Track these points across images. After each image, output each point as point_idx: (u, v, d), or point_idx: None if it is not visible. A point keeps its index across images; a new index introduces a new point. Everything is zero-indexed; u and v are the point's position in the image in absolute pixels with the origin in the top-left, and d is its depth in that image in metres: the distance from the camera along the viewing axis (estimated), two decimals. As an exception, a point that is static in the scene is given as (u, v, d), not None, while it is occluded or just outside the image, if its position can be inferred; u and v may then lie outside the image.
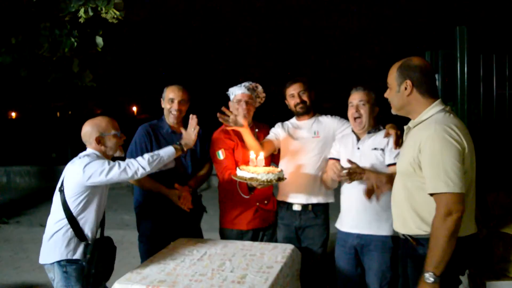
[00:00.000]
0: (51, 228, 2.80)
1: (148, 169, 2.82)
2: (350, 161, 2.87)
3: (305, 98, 3.43)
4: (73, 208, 2.75)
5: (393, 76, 2.35)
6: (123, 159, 3.02)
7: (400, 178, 2.40)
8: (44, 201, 9.31)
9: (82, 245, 2.78)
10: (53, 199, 2.85)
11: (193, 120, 3.18)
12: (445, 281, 2.12)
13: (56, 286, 2.77)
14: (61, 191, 2.79)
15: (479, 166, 2.28)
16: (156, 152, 2.94)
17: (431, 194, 2.13)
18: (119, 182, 2.93)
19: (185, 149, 3.11)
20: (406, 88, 2.29)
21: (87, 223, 2.80)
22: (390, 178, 2.69)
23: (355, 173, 2.83)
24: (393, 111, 2.45)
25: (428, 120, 2.25)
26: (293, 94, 3.44)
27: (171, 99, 3.45)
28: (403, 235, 2.37)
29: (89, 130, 2.86)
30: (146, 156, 2.86)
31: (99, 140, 2.86)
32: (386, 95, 2.45)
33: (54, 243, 2.75)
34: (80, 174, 2.69)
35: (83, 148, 2.94)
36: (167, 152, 2.96)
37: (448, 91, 3.81)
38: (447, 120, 2.18)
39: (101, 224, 2.94)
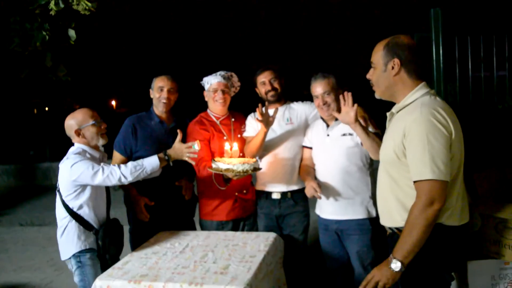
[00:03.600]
0: (59, 226, 2.91)
1: (130, 178, 2.83)
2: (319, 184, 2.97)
3: (276, 85, 3.40)
4: (72, 204, 2.84)
5: (379, 54, 2.19)
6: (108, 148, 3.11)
7: (383, 168, 2.26)
8: (24, 200, 9.18)
9: (92, 235, 2.88)
10: (56, 199, 2.94)
11: (180, 133, 3.11)
12: (435, 277, 2.08)
13: (74, 276, 2.90)
14: (58, 191, 2.88)
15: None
16: (140, 162, 2.91)
17: (415, 182, 2.01)
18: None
19: (170, 160, 3.03)
20: (393, 67, 2.13)
21: (90, 214, 2.88)
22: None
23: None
24: (377, 94, 2.29)
25: (413, 103, 2.11)
26: (264, 81, 3.41)
27: (160, 87, 3.43)
28: (390, 228, 2.26)
29: (69, 124, 2.94)
30: (130, 165, 2.86)
31: (78, 133, 2.91)
32: (369, 75, 2.29)
33: (66, 239, 2.87)
34: (68, 174, 2.77)
35: (62, 145, 3.04)
36: (151, 163, 2.92)
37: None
38: (434, 103, 2.05)
39: (107, 207, 3.05)
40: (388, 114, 2.30)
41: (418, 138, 1.98)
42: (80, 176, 2.74)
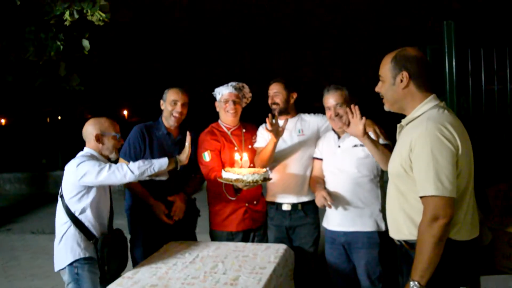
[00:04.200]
0: (58, 232, 2.85)
1: (136, 173, 2.81)
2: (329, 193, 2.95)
3: (277, 100, 3.38)
4: (74, 208, 2.81)
5: (386, 67, 2.17)
6: (116, 162, 3.05)
7: (392, 181, 2.24)
8: (35, 208, 9.24)
9: (92, 244, 2.83)
10: (57, 206, 2.90)
11: (188, 136, 3.14)
12: None
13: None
14: (61, 196, 2.85)
15: (474, 161, 2.15)
16: (149, 159, 2.92)
17: (421, 197, 1.98)
18: (111, 184, 2.94)
19: (179, 164, 3.05)
20: (402, 80, 2.11)
21: (92, 221, 2.84)
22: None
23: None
24: (386, 107, 2.27)
25: (421, 117, 2.08)
26: (270, 94, 3.44)
27: (174, 101, 3.40)
28: (398, 241, 2.23)
29: (90, 128, 2.95)
30: (138, 161, 2.87)
31: (98, 138, 2.92)
32: (377, 89, 2.26)
33: (65, 246, 2.80)
34: (74, 173, 2.76)
35: (74, 153, 2.98)
36: (160, 161, 2.93)
37: (437, 86, 3.81)
38: (441, 118, 2.01)
39: (109, 217, 3.01)
40: (398, 126, 2.28)
41: (423, 153, 1.96)
42: (86, 173, 2.71)
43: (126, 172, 2.78)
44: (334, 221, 3.09)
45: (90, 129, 2.93)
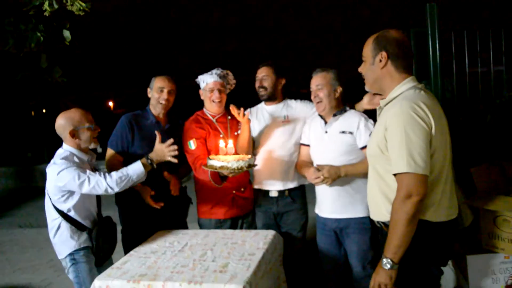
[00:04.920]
0: (50, 227, 2.90)
1: (116, 189, 2.83)
2: (318, 168, 2.92)
3: (265, 84, 3.37)
4: (61, 207, 2.84)
5: (368, 47, 2.22)
6: (94, 151, 3.09)
7: (370, 163, 2.28)
8: (22, 202, 9.17)
9: (85, 234, 2.90)
10: (45, 201, 2.93)
11: (159, 134, 3.08)
12: (422, 272, 2.10)
13: (68, 274, 2.92)
14: (47, 193, 2.88)
15: (458, 143, 2.19)
16: (125, 171, 2.88)
17: (395, 175, 2.02)
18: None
19: (154, 163, 3.01)
20: (380, 60, 2.16)
21: (81, 215, 2.89)
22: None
23: (329, 178, 2.85)
24: (367, 87, 2.33)
25: (397, 97, 2.12)
26: (258, 77, 3.42)
27: (160, 88, 3.38)
28: (377, 222, 2.29)
29: (62, 124, 2.89)
30: (115, 176, 2.83)
31: (73, 134, 2.88)
32: (360, 69, 2.31)
33: (60, 240, 2.87)
34: (54, 180, 2.77)
35: (60, 146, 2.95)
36: (136, 170, 2.90)
37: (421, 69, 3.83)
38: (416, 97, 2.05)
39: (98, 205, 3.06)
40: (377, 108, 2.33)
41: (396, 131, 1.99)
42: (67, 184, 2.74)
43: (106, 188, 2.79)
44: (326, 208, 3.09)
45: (62, 125, 2.88)
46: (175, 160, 3.04)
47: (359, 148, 2.96)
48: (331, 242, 3.11)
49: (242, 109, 3.15)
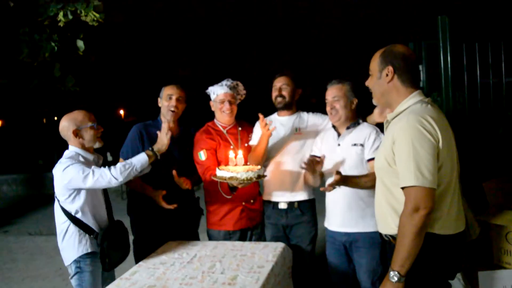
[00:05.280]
0: (59, 231, 2.90)
1: (120, 179, 2.81)
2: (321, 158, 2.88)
3: (284, 93, 3.37)
4: (69, 208, 2.84)
5: (375, 62, 2.26)
6: (103, 150, 3.11)
7: (378, 175, 2.30)
8: (33, 210, 9.22)
9: (93, 238, 2.88)
10: (54, 205, 2.94)
11: (165, 123, 3.11)
12: (429, 285, 2.08)
13: (72, 280, 2.89)
14: (55, 196, 2.89)
15: (470, 156, 2.19)
16: (128, 160, 2.92)
17: (402, 188, 2.04)
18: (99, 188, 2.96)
19: (158, 154, 3.04)
20: (387, 75, 2.19)
21: (89, 218, 2.88)
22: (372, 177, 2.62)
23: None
24: (374, 101, 2.36)
25: (405, 111, 2.14)
26: (276, 86, 3.41)
27: (169, 95, 3.42)
28: (385, 235, 2.28)
29: (66, 125, 2.93)
30: (118, 165, 2.85)
31: (77, 133, 2.91)
32: (367, 83, 2.34)
33: (67, 244, 2.86)
34: (61, 177, 2.79)
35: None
36: (140, 160, 2.93)
37: (432, 81, 3.81)
38: (423, 111, 2.07)
39: (107, 210, 3.05)
40: (384, 122, 2.34)
41: (404, 145, 2.01)
42: (72, 180, 2.74)
43: (110, 179, 2.78)
44: (335, 222, 3.06)
45: (66, 127, 2.92)
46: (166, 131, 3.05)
47: (366, 160, 2.94)
48: (340, 256, 3.08)
49: (270, 122, 3.16)
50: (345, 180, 2.74)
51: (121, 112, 32.27)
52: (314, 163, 2.90)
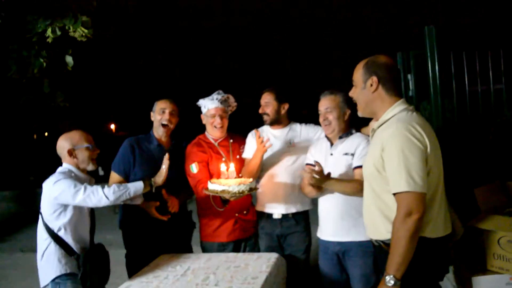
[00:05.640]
0: (40, 248, 2.81)
1: (111, 199, 2.76)
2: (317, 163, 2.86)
3: (267, 110, 3.40)
4: (53, 225, 2.78)
5: (359, 73, 2.32)
6: (96, 173, 3.01)
7: (367, 182, 2.35)
8: (24, 226, 9.11)
9: (74, 259, 2.78)
10: (38, 222, 2.88)
11: (166, 158, 3.07)
12: (423, 287, 2.12)
13: None
14: (40, 213, 2.83)
15: (460, 163, 2.25)
16: (124, 184, 2.88)
17: (394, 194, 2.09)
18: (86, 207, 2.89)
19: (154, 186, 3.01)
20: (371, 85, 2.26)
21: (71, 238, 2.80)
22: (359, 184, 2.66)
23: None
24: (359, 112, 2.42)
25: (391, 119, 2.21)
26: (261, 103, 3.44)
27: (162, 109, 3.42)
28: (376, 241, 2.32)
29: (62, 143, 2.92)
30: (113, 185, 2.81)
31: (71, 153, 2.89)
32: (351, 93, 2.42)
33: (46, 262, 2.77)
34: (50, 191, 2.74)
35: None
36: (136, 186, 2.89)
37: (422, 90, 3.85)
38: (410, 119, 2.15)
39: (91, 232, 2.96)
40: (370, 130, 2.39)
41: (394, 152, 2.07)
42: (62, 193, 2.69)
43: (101, 197, 2.73)
44: (328, 231, 3.06)
45: (62, 145, 2.91)
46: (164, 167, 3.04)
47: (352, 168, 2.95)
48: (333, 266, 3.07)
49: (268, 139, 3.17)
50: (325, 177, 2.78)
51: (112, 126, 32.16)
52: (312, 172, 2.86)
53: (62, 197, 2.71)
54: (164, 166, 3.06)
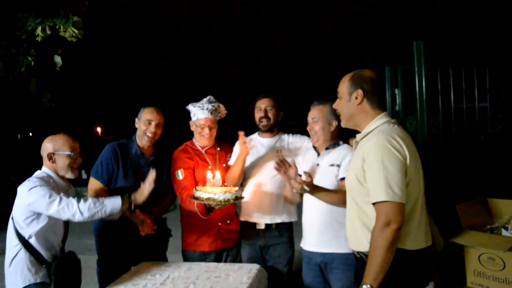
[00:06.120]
0: (8, 255, 2.71)
1: (86, 215, 2.66)
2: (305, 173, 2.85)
3: (270, 114, 3.38)
4: (24, 232, 2.67)
5: (344, 85, 2.38)
6: (79, 177, 2.97)
7: (349, 194, 2.39)
8: (4, 227, 8.96)
9: (44, 268, 2.68)
10: (8, 226, 2.75)
11: (151, 175, 2.98)
12: None
13: None
14: (12, 217, 2.72)
15: (443, 178, 2.29)
16: (101, 200, 2.77)
17: (373, 204, 2.12)
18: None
19: (133, 204, 2.93)
20: (356, 98, 2.32)
21: (42, 246, 2.70)
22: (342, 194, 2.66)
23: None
24: (343, 123, 2.48)
25: (373, 131, 2.27)
26: (261, 107, 3.40)
27: (148, 120, 3.34)
28: (358, 252, 2.34)
29: (45, 145, 2.85)
30: (89, 201, 2.72)
31: (51, 157, 2.82)
32: (335, 105, 2.48)
33: (15, 270, 2.65)
34: (24, 197, 2.64)
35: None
36: (113, 203, 2.78)
37: (408, 105, 3.87)
38: (391, 131, 2.21)
39: (63, 240, 2.87)
40: (353, 142, 2.45)
41: (374, 162, 2.12)
42: (36, 201, 2.59)
43: (76, 212, 2.63)
44: (311, 242, 3.05)
45: (45, 147, 2.83)
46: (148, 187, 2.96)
47: (339, 179, 2.95)
48: (316, 277, 3.06)
49: (250, 139, 3.19)
50: (314, 187, 2.77)
51: (98, 129, 31.92)
52: (285, 164, 2.89)
53: (35, 205, 2.61)
54: (148, 185, 2.95)
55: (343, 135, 3.17)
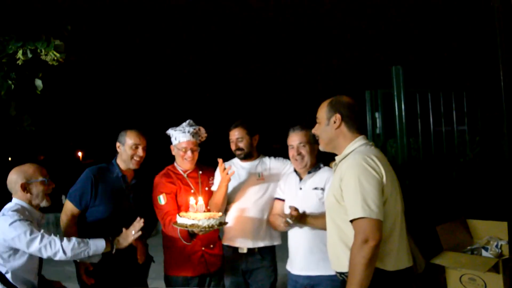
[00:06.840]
0: None
1: (69, 255, 2.65)
2: (291, 208, 2.89)
3: (241, 145, 3.38)
4: (0, 267, 2.61)
5: (323, 110, 2.46)
6: (57, 193, 2.87)
7: (329, 215, 2.42)
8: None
9: None
10: None
11: (138, 223, 2.95)
12: None
13: None
14: None
15: (423, 200, 2.32)
16: (86, 240, 2.75)
17: (351, 222, 2.15)
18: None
19: (114, 248, 2.90)
20: (335, 122, 2.40)
21: (21, 280, 2.63)
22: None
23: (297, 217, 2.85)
24: (321, 147, 2.54)
25: (351, 153, 2.33)
26: (232, 139, 3.42)
27: (135, 145, 3.31)
28: (340, 274, 2.34)
29: (14, 177, 2.76)
30: (73, 240, 2.69)
31: (25, 187, 2.74)
32: (314, 130, 2.54)
33: None
34: (3, 232, 2.56)
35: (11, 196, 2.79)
36: (97, 245, 2.77)
37: (388, 128, 3.93)
38: (368, 151, 2.28)
39: (39, 273, 2.79)
40: (333, 165, 2.51)
41: (351, 180, 2.18)
42: (16, 238, 2.53)
43: (58, 250, 2.61)
44: (297, 265, 3.04)
45: (14, 179, 2.75)
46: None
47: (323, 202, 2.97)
48: (301, 301, 3.04)
49: (229, 166, 3.18)
50: (302, 217, 2.84)
51: (79, 154, 31.57)
52: (287, 216, 2.91)
53: (15, 242, 2.55)
54: (134, 232, 2.93)
55: (321, 159, 3.21)
